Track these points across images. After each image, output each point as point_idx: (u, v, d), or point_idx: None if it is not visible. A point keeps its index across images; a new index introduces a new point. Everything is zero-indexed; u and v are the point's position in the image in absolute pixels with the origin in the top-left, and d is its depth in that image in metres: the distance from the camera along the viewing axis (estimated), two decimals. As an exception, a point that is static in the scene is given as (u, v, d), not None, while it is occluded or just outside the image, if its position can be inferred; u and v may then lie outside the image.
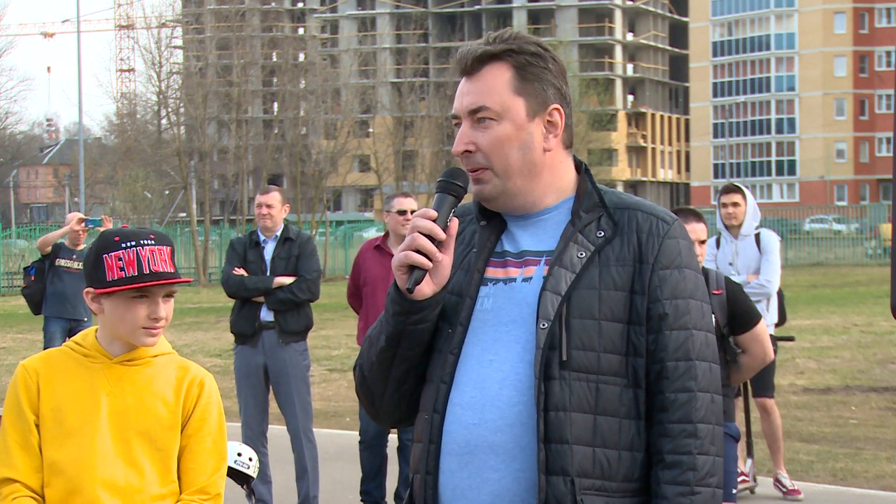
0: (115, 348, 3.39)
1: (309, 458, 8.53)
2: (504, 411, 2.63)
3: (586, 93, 77.29)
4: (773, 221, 47.53)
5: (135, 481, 3.33)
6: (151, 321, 3.32)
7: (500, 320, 2.69)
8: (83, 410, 3.34)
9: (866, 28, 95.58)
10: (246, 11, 72.61)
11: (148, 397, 3.37)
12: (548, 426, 2.59)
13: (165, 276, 3.31)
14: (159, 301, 3.33)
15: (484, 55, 2.72)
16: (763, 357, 6.36)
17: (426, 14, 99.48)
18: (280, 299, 8.39)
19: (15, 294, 36.91)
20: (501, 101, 2.70)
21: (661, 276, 2.67)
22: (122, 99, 70.33)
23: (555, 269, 2.65)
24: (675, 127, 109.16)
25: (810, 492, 9.18)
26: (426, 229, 2.64)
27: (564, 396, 2.60)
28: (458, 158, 2.74)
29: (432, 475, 2.69)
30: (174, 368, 3.44)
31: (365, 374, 2.79)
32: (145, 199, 61.16)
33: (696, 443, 2.63)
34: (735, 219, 8.97)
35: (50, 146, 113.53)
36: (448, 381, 2.69)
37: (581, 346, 2.62)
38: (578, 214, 2.71)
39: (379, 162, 62.30)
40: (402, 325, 2.69)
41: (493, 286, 2.72)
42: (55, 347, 3.55)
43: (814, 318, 22.15)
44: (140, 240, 3.32)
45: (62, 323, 12.23)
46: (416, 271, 2.64)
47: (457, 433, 2.66)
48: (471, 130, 2.72)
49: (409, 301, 2.67)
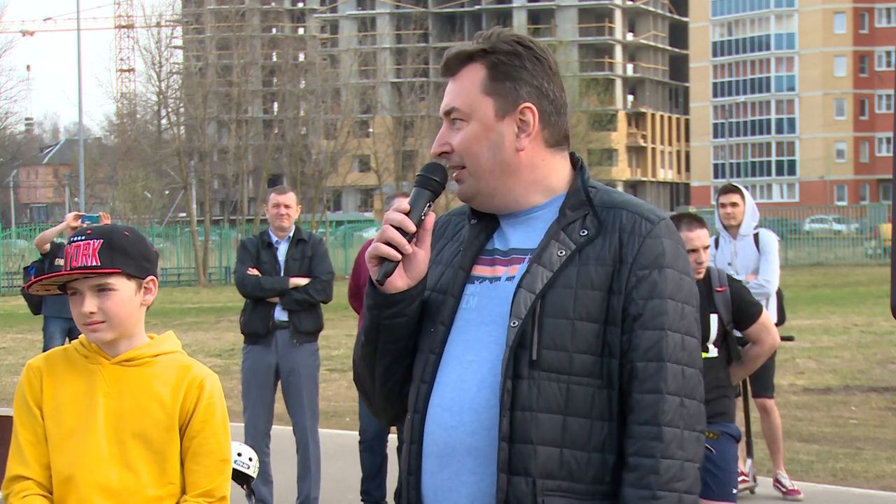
0: (113, 349, 3.37)
1: (313, 459, 8.54)
2: (481, 414, 2.61)
3: (586, 93, 77.34)
4: (773, 221, 47.53)
5: (129, 483, 3.31)
6: (82, 316, 3.30)
7: (482, 320, 2.67)
8: (80, 412, 3.33)
9: (866, 28, 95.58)
10: (246, 11, 72.62)
11: (145, 398, 3.34)
12: (512, 426, 2.57)
13: (79, 269, 3.27)
14: (86, 296, 3.29)
15: (461, 55, 2.73)
16: (772, 343, 6.45)
17: (426, 14, 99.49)
18: (296, 300, 8.41)
19: (15, 294, 36.91)
20: (469, 101, 2.70)
21: (639, 276, 2.61)
22: (122, 99, 70.40)
23: (533, 266, 2.63)
24: (675, 127, 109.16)
25: (810, 492, 9.18)
26: (397, 222, 2.66)
27: (532, 396, 2.57)
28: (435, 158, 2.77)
29: (415, 476, 2.68)
30: (175, 368, 3.39)
31: (356, 370, 2.83)
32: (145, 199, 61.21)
33: (659, 446, 2.57)
34: (734, 219, 8.97)
35: (50, 146, 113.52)
36: (429, 381, 2.67)
37: (553, 346, 2.59)
38: (564, 212, 2.69)
39: (379, 162, 62.35)
40: (378, 319, 2.69)
41: (479, 285, 2.70)
42: (57, 347, 3.54)
43: (814, 318, 22.15)
44: (75, 237, 3.32)
45: (61, 323, 12.22)
46: (386, 263, 2.64)
47: (436, 434, 2.65)
48: (447, 131, 2.73)
49: (382, 294, 2.67)
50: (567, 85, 71.98)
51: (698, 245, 6.23)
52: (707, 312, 6.18)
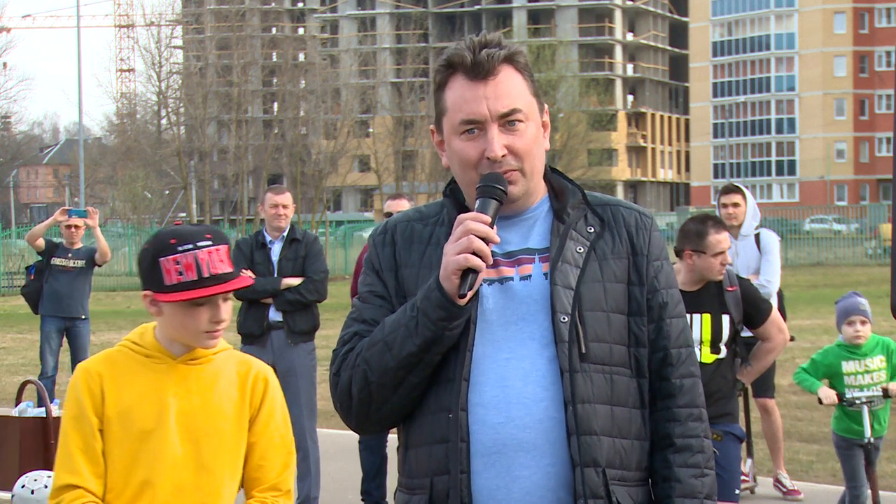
0: (175, 348, 3.29)
1: (313, 459, 8.53)
2: (531, 407, 2.63)
3: (586, 93, 77.26)
4: (773, 221, 47.49)
5: (206, 483, 3.26)
6: (213, 325, 3.22)
7: (507, 319, 2.68)
8: (150, 414, 3.24)
9: (866, 28, 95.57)
10: (246, 11, 72.62)
11: (214, 396, 3.29)
12: (577, 419, 2.61)
13: (225, 280, 3.19)
14: (219, 304, 3.23)
15: (497, 57, 2.70)
16: (784, 339, 6.52)
17: (426, 14, 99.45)
18: (288, 300, 8.39)
19: (15, 294, 36.90)
20: (527, 102, 2.73)
21: (656, 266, 2.76)
22: (122, 99, 70.41)
23: (559, 265, 2.68)
24: (675, 127, 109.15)
25: (810, 492, 9.18)
26: (482, 233, 2.60)
27: (588, 388, 2.64)
28: (483, 162, 2.69)
29: (466, 474, 2.64)
30: (235, 364, 3.36)
31: (371, 380, 2.71)
32: (145, 199, 61.23)
33: (702, 426, 2.73)
34: (735, 219, 8.97)
35: (50, 146, 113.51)
36: (468, 379, 2.66)
37: (596, 339, 2.67)
38: (566, 211, 2.75)
39: (379, 162, 62.33)
40: (443, 331, 2.64)
41: (488, 286, 2.70)
42: (111, 349, 3.36)
43: (814, 318, 22.16)
44: (196, 241, 3.19)
45: (57, 322, 12.22)
46: (472, 275, 2.60)
47: (481, 433, 2.64)
48: (502, 134, 2.69)
49: (458, 307, 2.63)
50: (567, 85, 72.12)
51: (725, 247, 6.27)
52: (719, 313, 6.18)
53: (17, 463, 6.88)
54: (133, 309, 30.01)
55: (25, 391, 7.45)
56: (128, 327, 24.87)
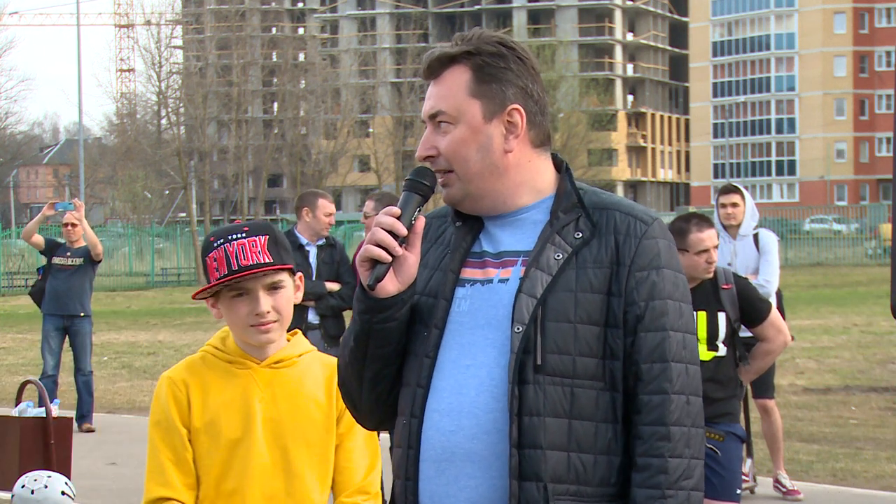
0: (261, 352, 3.21)
1: None
2: (480, 418, 2.59)
3: (586, 93, 77.31)
4: (772, 221, 47.51)
5: (296, 490, 3.20)
6: (255, 317, 3.14)
7: (476, 323, 2.65)
8: (237, 421, 3.18)
9: (866, 28, 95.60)
10: (246, 11, 72.66)
11: (301, 401, 3.22)
12: (521, 431, 2.56)
13: (254, 268, 3.11)
14: (259, 295, 3.14)
15: (443, 58, 2.69)
16: (784, 341, 6.43)
17: (426, 14, 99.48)
18: (331, 305, 8.44)
19: (15, 294, 36.92)
20: (457, 104, 2.67)
21: (638, 277, 2.62)
22: (122, 99, 70.43)
23: (531, 271, 2.61)
24: (675, 127, 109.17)
25: (810, 492, 9.18)
26: (388, 225, 2.61)
27: (538, 401, 2.57)
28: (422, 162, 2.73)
29: (412, 481, 2.65)
30: (320, 367, 3.29)
31: (342, 375, 2.77)
32: (145, 199, 61.26)
33: (668, 446, 2.58)
34: (734, 219, 8.97)
35: (50, 146, 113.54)
36: (425, 386, 2.64)
37: (556, 350, 2.58)
38: (557, 215, 2.67)
39: (379, 162, 62.36)
40: (369, 324, 2.65)
41: (470, 287, 2.68)
42: (192, 356, 3.31)
43: (814, 318, 22.14)
44: (228, 235, 3.15)
45: (56, 320, 12.23)
46: (378, 266, 2.61)
47: (434, 439, 2.62)
48: (432, 135, 2.70)
49: (373, 298, 2.63)
50: (567, 85, 72.17)
51: (709, 245, 6.21)
52: (715, 311, 6.17)
53: (17, 463, 6.89)
54: (133, 309, 29.97)
55: (25, 391, 7.46)
56: (128, 327, 24.78)
